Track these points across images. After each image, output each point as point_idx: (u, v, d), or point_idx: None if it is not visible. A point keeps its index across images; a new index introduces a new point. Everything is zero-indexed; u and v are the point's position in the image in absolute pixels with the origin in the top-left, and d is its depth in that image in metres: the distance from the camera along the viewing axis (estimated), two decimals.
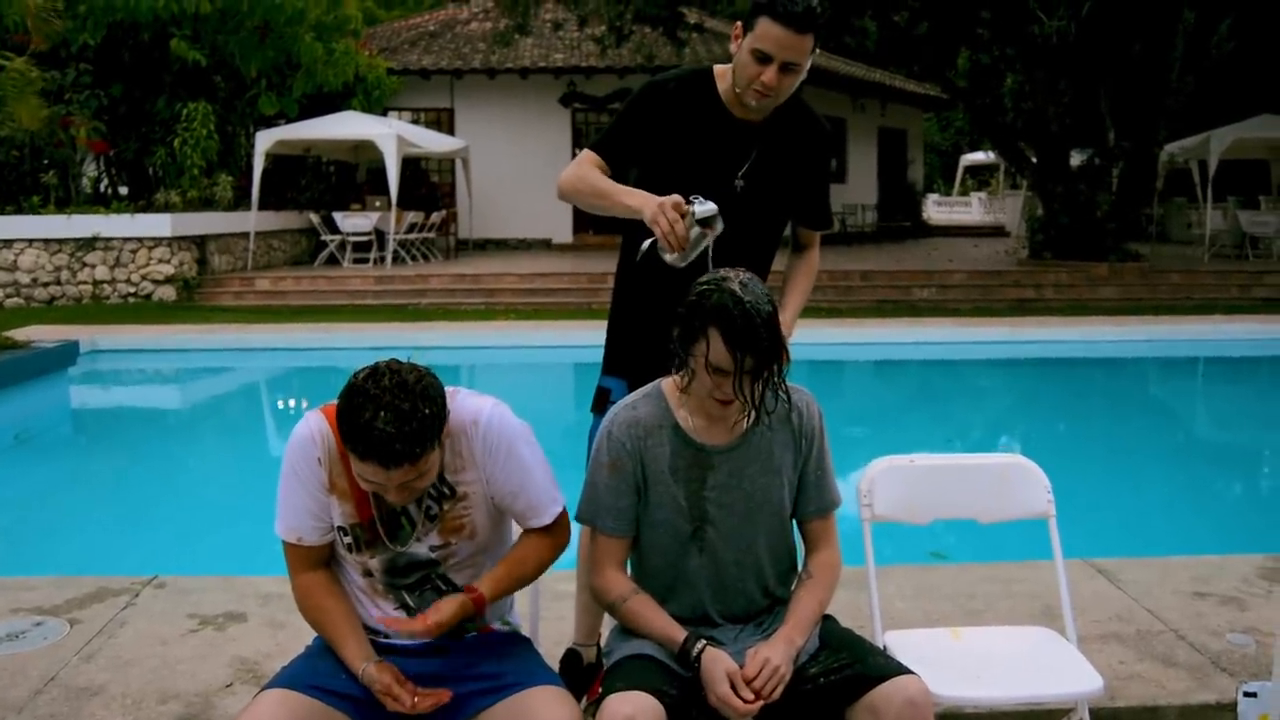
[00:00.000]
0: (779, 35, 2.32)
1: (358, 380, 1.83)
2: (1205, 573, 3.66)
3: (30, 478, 6.87)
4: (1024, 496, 2.54)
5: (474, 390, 2.07)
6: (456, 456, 2.00)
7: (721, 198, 2.40)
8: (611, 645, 2.19)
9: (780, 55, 2.34)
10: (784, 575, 2.26)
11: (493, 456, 2.01)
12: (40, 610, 3.31)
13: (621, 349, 2.68)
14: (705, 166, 2.51)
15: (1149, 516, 5.93)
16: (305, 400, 9.32)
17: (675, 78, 2.58)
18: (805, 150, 2.61)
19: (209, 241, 14.65)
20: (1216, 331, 11.47)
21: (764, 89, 2.38)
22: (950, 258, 17.80)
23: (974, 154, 33.47)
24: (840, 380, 10.56)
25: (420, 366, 1.89)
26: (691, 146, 2.51)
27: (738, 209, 2.46)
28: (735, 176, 2.52)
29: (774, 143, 2.54)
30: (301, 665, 2.04)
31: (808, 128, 2.60)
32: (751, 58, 2.37)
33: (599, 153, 2.51)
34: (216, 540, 5.17)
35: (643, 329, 2.58)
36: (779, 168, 2.56)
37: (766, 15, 2.33)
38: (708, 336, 1.98)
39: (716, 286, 2.00)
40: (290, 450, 2.03)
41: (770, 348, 1.99)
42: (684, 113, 2.51)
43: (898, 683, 1.94)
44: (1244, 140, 16.29)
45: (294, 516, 2.04)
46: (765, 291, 2.03)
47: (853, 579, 2.57)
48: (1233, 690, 2.80)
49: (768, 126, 2.52)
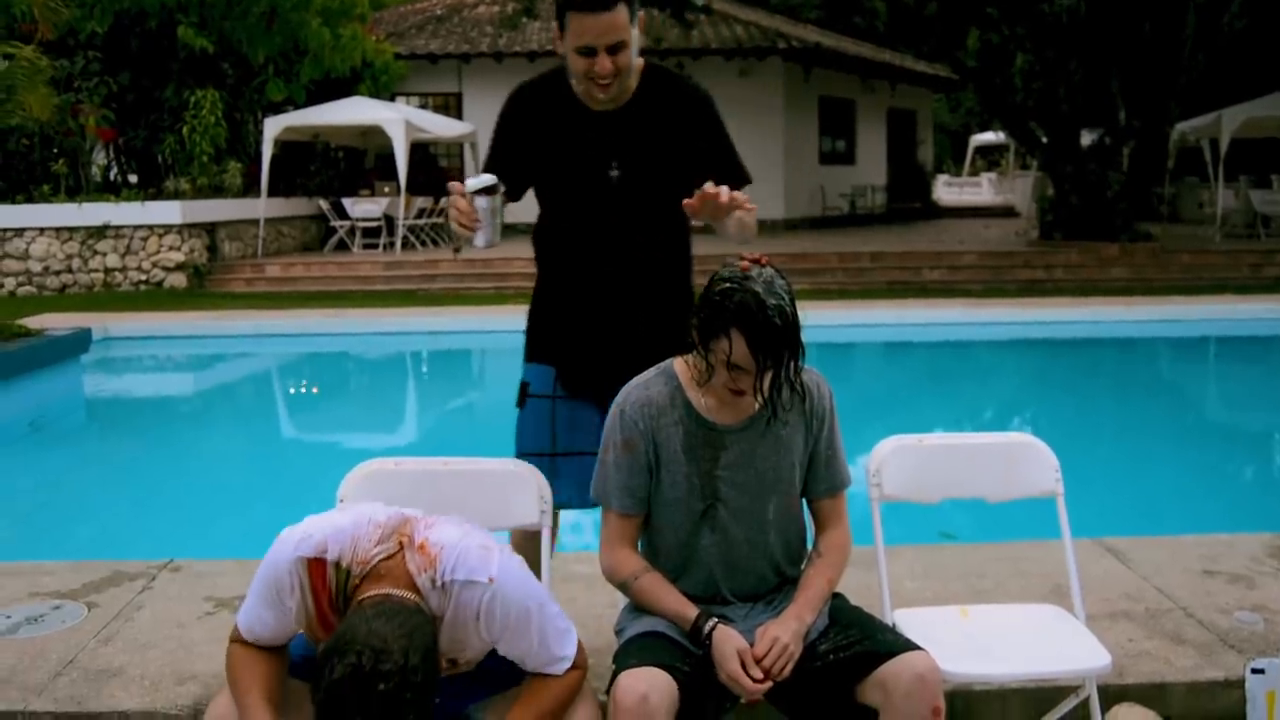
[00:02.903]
0: (591, 24, 2.30)
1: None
2: (1215, 551, 3.66)
3: (45, 464, 6.94)
4: (1032, 475, 2.55)
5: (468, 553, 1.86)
6: (456, 643, 1.89)
7: (599, 191, 2.46)
8: (624, 623, 2.22)
9: (601, 42, 2.32)
10: (794, 554, 2.28)
11: (504, 642, 1.90)
12: (58, 594, 3.35)
13: (541, 337, 2.68)
14: (575, 164, 2.51)
15: (1159, 496, 5.93)
16: (316, 386, 9.37)
17: (531, 83, 2.57)
18: (680, 120, 2.53)
19: (219, 228, 14.69)
20: (1227, 311, 11.42)
21: (601, 78, 2.35)
22: (960, 239, 17.74)
23: (984, 134, 33.31)
24: (850, 361, 10.56)
25: (399, 652, 1.61)
26: (558, 147, 2.51)
27: (619, 198, 2.49)
28: (609, 168, 2.49)
29: (641, 124, 2.50)
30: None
31: (677, 96, 2.54)
32: (578, 55, 2.35)
33: (493, 161, 2.52)
34: (230, 524, 5.22)
35: (561, 317, 2.58)
36: (654, 146, 2.52)
37: (570, 10, 2.31)
38: (729, 336, 1.98)
39: (739, 286, 1.98)
40: (267, 576, 1.87)
41: (791, 350, 2.00)
42: (544, 115, 2.51)
43: (906, 659, 1.96)
44: (1256, 119, 16.16)
45: (259, 626, 1.90)
46: (786, 288, 2.02)
47: (862, 559, 2.59)
48: (1240, 667, 2.81)
49: (631, 110, 2.48)
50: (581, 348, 2.60)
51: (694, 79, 2.62)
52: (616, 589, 2.26)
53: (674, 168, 2.53)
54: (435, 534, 1.88)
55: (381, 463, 2.41)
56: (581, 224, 2.56)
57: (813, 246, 15.78)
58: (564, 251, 2.61)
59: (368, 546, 1.85)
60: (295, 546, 1.85)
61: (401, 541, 1.86)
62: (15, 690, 2.72)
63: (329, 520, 1.89)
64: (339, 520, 1.89)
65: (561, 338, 2.62)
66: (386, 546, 1.85)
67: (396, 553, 1.84)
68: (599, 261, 2.56)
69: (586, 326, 2.58)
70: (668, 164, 2.53)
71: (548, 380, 2.63)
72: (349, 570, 1.83)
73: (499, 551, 1.90)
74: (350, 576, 1.82)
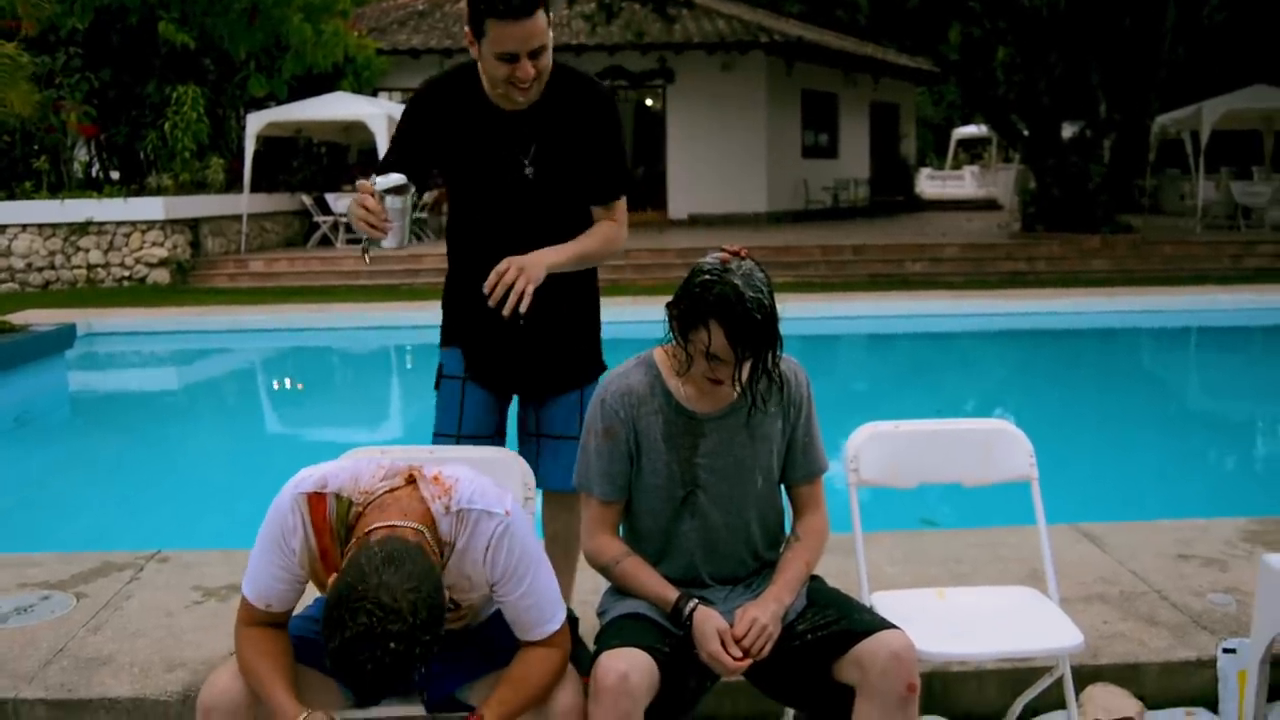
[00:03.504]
0: (511, 31, 2.29)
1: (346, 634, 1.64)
2: (1189, 536, 3.73)
3: (31, 459, 6.94)
4: (1007, 460, 2.60)
5: (486, 489, 1.92)
6: (464, 579, 1.92)
7: (514, 189, 2.48)
8: (605, 605, 2.26)
9: (524, 47, 2.31)
10: (773, 539, 2.32)
11: (503, 583, 1.93)
12: (47, 585, 3.37)
13: (453, 322, 2.71)
14: (489, 163, 2.53)
15: (1138, 483, 6.00)
16: (300, 381, 9.37)
17: (442, 78, 2.56)
18: (586, 119, 2.54)
19: (202, 224, 14.65)
20: (1208, 302, 11.54)
21: (521, 82, 2.36)
22: (943, 231, 17.83)
23: (967, 127, 33.41)
24: (832, 354, 10.62)
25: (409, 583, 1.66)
26: (471, 145, 2.52)
27: (534, 196, 2.53)
28: (523, 166, 2.52)
29: (551, 122, 2.51)
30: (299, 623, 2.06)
31: (584, 96, 2.54)
32: (499, 61, 2.34)
33: (397, 150, 2.50)
34: (216, 517, 5.24)
35: (472, 302, 2.60)
36: (566, 144, 2.54)
37: (490, 17, 2.30)
38: (708, 328, 2.01)
39: (719, 278, 2.01)
40: (270, 522, 1.91)
41: (769, 342, 2.03)
42: (455, 113, 2.50)
43: (882, 637, 2.01)
44: (1236, 111, 16.30)
45: (266, 583, 1.92)
46: (765, 281, 2.05)
47: (841, 545, 2.64)
48: (1213, 647, 2.88)
49: (541, 108, 2.48)
50: (486, 338, 2.63)
51: (595, 78, 2.62)
52: (599, 574, 2.30)
53: (581, 165, 2.57)
54: (449, 469, 1.94)
55: (368, 451, 2.43)
56: (495, 221, 2.59)
57: (795, 239, 15.84)
58: (477, 246, 2.62)
59: (370, 480, 1.88)
60: (296, 485, 1.90)
61: (412, 474, 1.89)
62: (6, 678, 2.75)
63: (331, 463, 1.95)
64: (341, 461, 1.95)
65: (469, 325, 2.66)
66: (392, 481, 1.88)
67: (403, 486, 1.87)
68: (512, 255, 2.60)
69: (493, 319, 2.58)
70: (577, 161, 2.57)
71: (458, 362, 2.68)
72: (350, 500, 1.86)
73: (511, 495, 1.96)
74: (352, 506, 1.85)
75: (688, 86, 20.55)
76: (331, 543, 1.87)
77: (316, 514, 1.86)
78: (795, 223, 20.49)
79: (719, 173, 20.58)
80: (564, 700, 1.96)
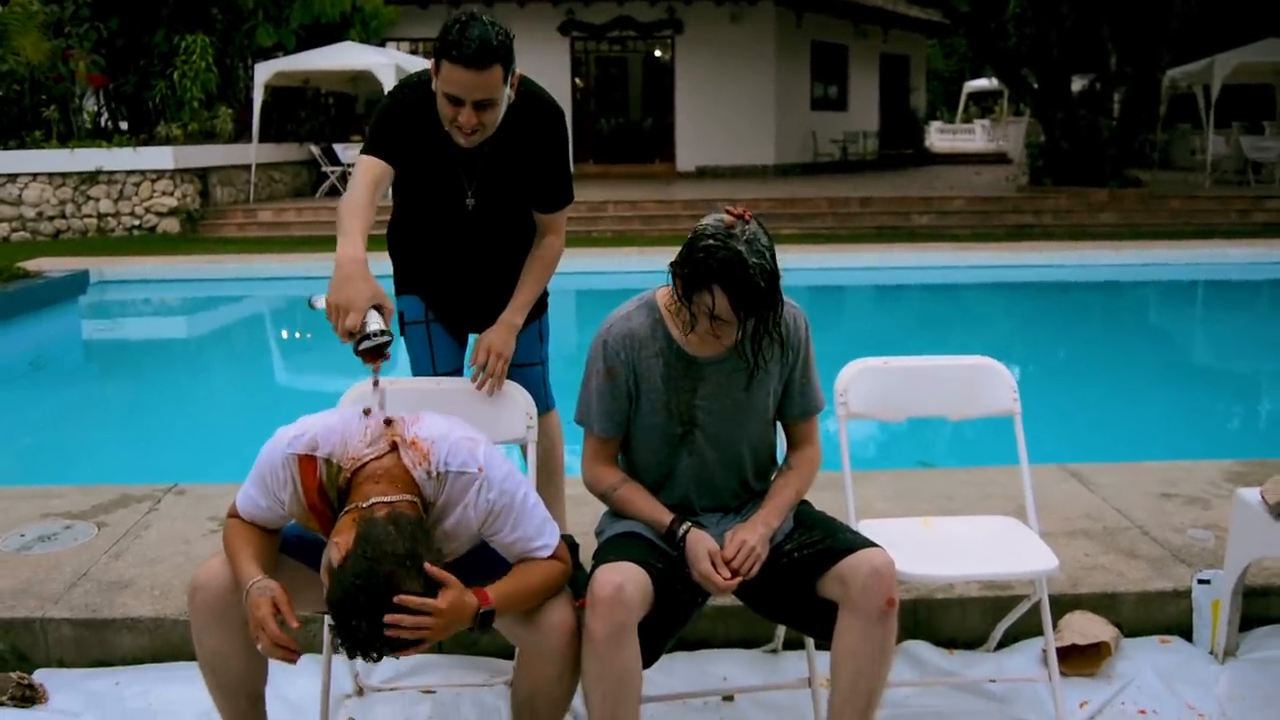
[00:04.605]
0: (461, 77, 2.29)
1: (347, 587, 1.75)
2: (1174, 476, 3.83)
3: (48, 401, 7.08)
4: (991, 395, 2.69)
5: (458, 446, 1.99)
6: (446, 533, 2.02)
7: (455, 219, 2.56)
8: (603, 526, 2.37)
9: (469, 96, 2.32)
10: (764, 470, 2.41)
11: (490, 528, 2.04)
12: (69, 515, 3.50)
13: (406, 272, 2.80)
14: (436, 190, 2.59)
15: (1133, 429, 6.09)
16: (308, 326, 9.48)
17: (410, 89, 2.53)
18: (535, 143, 2.57)
19: (211, 174, 14.69)
20: (1214, 255, 11.55)
21: (463, 129, 2.38)
22: (950, 184, 17.78)
23: (977, 81, 33.11)
24: (838, 304, 10.69)
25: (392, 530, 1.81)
26: (424, 167, 2.57)
27: (474, 225, 2.61)
28: (465, 195, 2.58)
29: (501, 156, 2.54)
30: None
31: (535, 119, 2.55)
32: (445, 100, 2.35)
33: (374, 154, 2.50)
34: (228, 454, 5.37)
35: (421, 252, 2.71)
36: (510, 177, 2.58)
37: (445, 59, 2.30)
38: (712, 292, 2.05)
39: (723, 243, 2.03)
40: (262, 465, 2.01)
41: (772, 304, 2.08)
42: (415, 132, 2.51)
43: (864, 554, 2.11)
44: (1248, 64, 16.14)
45: (254, 510, 2.05)
46: (769, 245, 2.09)
47: (833, 481, 2.73)
48: (1189, 579, 2.99)
49: (494, 141, 2.49)
50: (443, 287, 2.77)
51: (546, 92, 2.61)
52: (598, 500, 2.40)
53: (526, 186, 2.63)
54: (423, 429, 2.03)
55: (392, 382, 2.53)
56: (434, 236, 2.69)
57: (803, 192, 15.82)
58: (417, 241, 2.75)
59: (358, 445, 1.99)
60: (288, 444, 2.00)
61: (394, 441, 2.00)
62: (34, 600, 2.88)
63: (320, 419, 2.04)
64: (329, 419, 2.04)
65: (423, 277, 2.78)
66: (377, 447, 1.99)
67: (388, 452, 1.98)
68: (451, 269, 2.71)
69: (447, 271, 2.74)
70: (521, 190, 2.63)
71: (419, 308, 2.78)
72: (339, 466, 1.97)
73: (483, 443, 2.05)
74: (341, 471, 1.97)
75: (696, 37, 20.40)
76: (322, 501, 1.99)
77: (307, 474, 1.98)
78: (803, 175, 20.43)
79: (727, 125, 20.49)
80: (556, 615, 2.06)
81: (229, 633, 2.03)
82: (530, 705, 2.16)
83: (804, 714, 2.57)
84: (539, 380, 2.81)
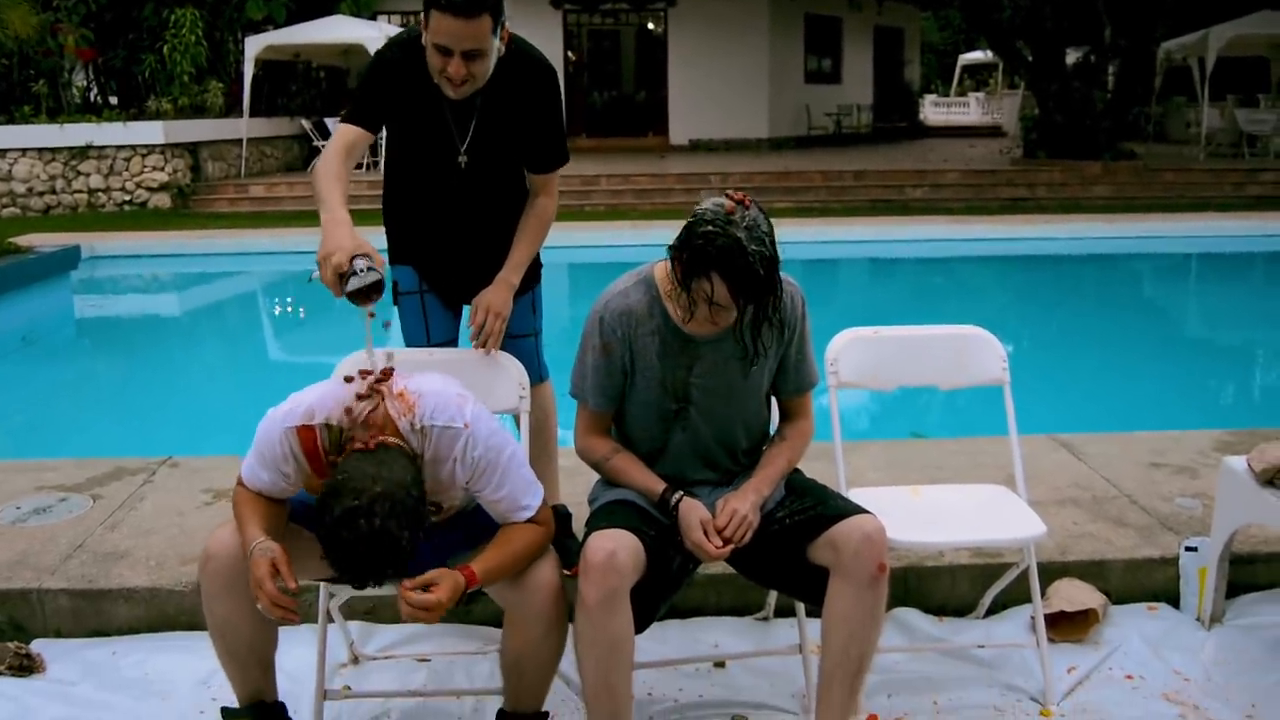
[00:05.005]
0: (450, 26, 2.29)
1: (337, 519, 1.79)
2: (1163, 446, 3.85)
3: (40, 376, 7.09)
4: (981, 364, 2.71)
5: (447, 402, 2.01)
6: (439, 484, 2.04)
7: (448, 177, 2.55)
8: (596, 493, 2.39)
9: (458, 46, 2.31)
10: (756, 442, 2.42)
11: (475, 484, 2.06)
12: (63, 488, 3.51)
13: (400, 243, 2.80)
14: (428, 148, 2.58)
15: (1124, 401, 6.13)
16: (301, 301, 9.48)
17: (399, 47, 2.52)
18: (528, 100, 2.57)
19: (201, 149, 14.62)
20: (1207, 229, 11.56)
21: (452, 80, 2.37)
22: (945, 158, 17.75)
23: (972, 53, 32.96)
24: (832, 278, 10.70)
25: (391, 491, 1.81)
26: (415, 126, 2.56)
27: (467, 182, 2.59)
28: (458, 153, 2.57)
29: (492, 111, 2.54)
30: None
31: (527, 76, 2.56)
32: (435, 50, 2.35)
33: (354, 122, 2.49)
34: (222, 426, 5.40)
35: (414, 216, 2.71)
36: (502, 133, 2.58)
37: (434, 8, 2.30)
38: (711, 279, 2.03)
39: (722, 230, 2.00)
40: (261, 443, 2.02)
41: (771, 290, 2.08)
42: (406, 88, 2.50)
43: (855, 520, 2.13)
44: (1243, 36, 16.11)
45: (260, 483, 2.05)
46: (769, 232, 2.07)
47: (823, 451, 2.74)
48: (1177, 547, 3.02)
49: (484, 96, 2.50)
50: (436, 257, 2.76)
51: (538, 50, 2.62)
52: (591, 469, 2.42)
53: (519, 145, 2.64)
54: (414, 383, 2.05)
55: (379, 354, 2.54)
56: (427, 196, 2.68)
57: (796, 165, 15.79)
58: (410, 206, 2.74)
59: (354, 405, 2.00)
60: (284, 418, 2.01)
61: (380, 390, 2.01)
62: (30, 571, 2.90)
63: (310, 391, 2.05)
64: (319, 389, 2.06)
65: (417, 247, 2.77)
66: (369, 401, 2.01)
67: (379, 404, 2.00)
68: (444, 228, 2.70)
69: (440, 241, 2.74)
70: (513, 147, 2.63)
71: (413, 279, 2.78)
72: (341, 428, 1.99)
73: (472, 401, 2.07)
74: (343, 433, 1.98)
75: (689, 10, 20.26)
76: (326, 465, 2.00)
77: (307, 444, 2.00)
78: (797, 149, 20.37)
79: (720, 98, 20.39)
80: (542, 575, 2.08)
81: (239, 601, 2.05)
82: (518, 667, 2.19)
83: (795, 679, 2.61)
84: (533, 352, 2.82)
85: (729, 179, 14.48)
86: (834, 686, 2.17)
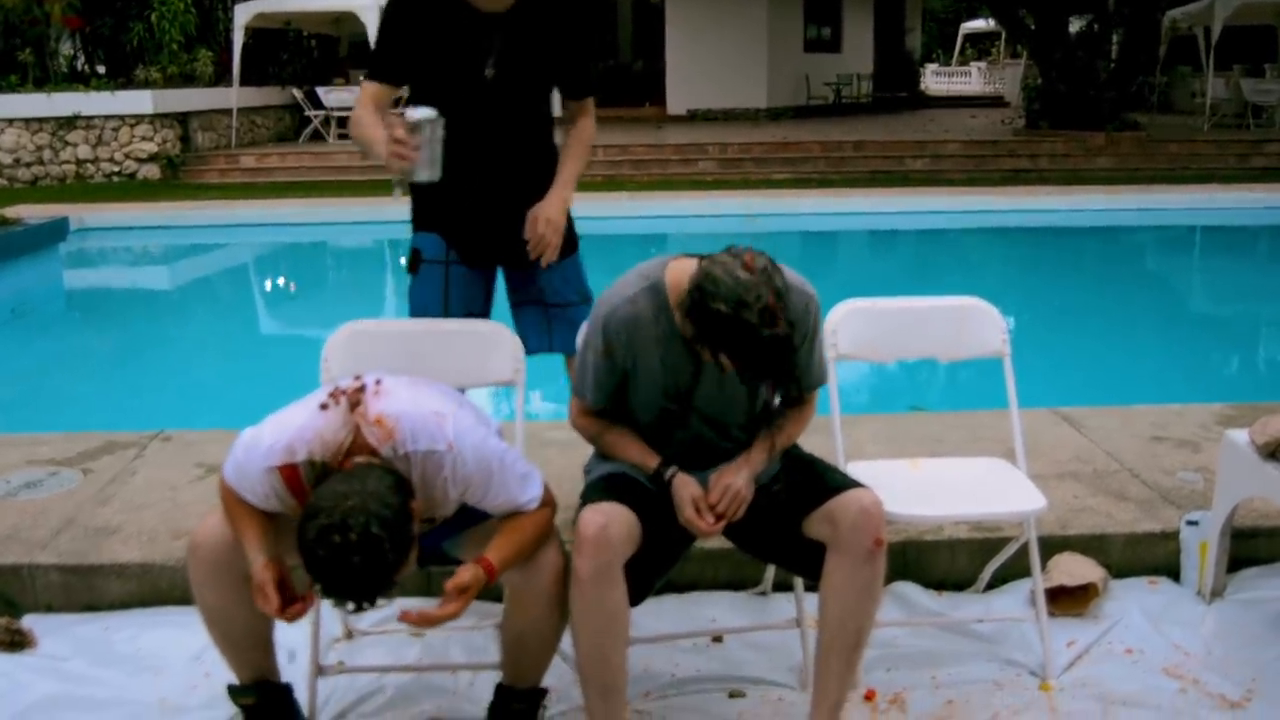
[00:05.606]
0: None
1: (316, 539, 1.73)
2: (1165, 420, 3.82)
3: (29, 349, 7.04)
4: (980, 336, 2.67)
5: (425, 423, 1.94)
6: (431, 501, 2.00)
7: (473, 90, 2.51)
8: (591, 465, 2.35)
9: None
10: (755, 434, 2.35)
11: (470, 495, 2.02)
12: (54, 462, 3.48)
13: (428, 206, 2.74)
14: (452, 62, 2.55)
15: (1126, 374, 6.10)
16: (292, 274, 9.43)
17: None
18: (558, 23, 2.59)
19: (191, 119, 14.47)
20: (1211, 200, 11.47)
21: None
22: (946, 128, 17.63)
23: (974, 22, 32.70)
24: (831, 250, 10.64)
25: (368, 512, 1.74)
26: (439, 46, 2.54)
27: (492, 98, 2.56)
28: (484, 67, 2.55)
29: (522, 25, 2.54)
30: None
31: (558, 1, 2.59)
32: None
33: (375, 79, 2.53)
34: (213, 400, 5.37)
35: (445, 196, 2.63)
36: (530, 48, 2.58)
37: None
38: (722, 356, 1.95)
39: (734, 314, 1.87)
40: (241, 476, 1.98)
41: (787, 370, 2.00)
42: (430, 14, 2.52)
43: (853, 494, 2.09)
44: (1250, 5, 15.93)
45: (248, 489, 1.99)
46: (783, 303, 1.91)
47: (822, 424, 2.70)
48: (1178, 521, 2.99)
49: (516, 11, 2.52)
50: (468, 218, 2.71)
51: None
52: (588, 443, 2.37)
53: (544, 69, 2.64)
54: (387, 404, 1.95)
55: (364, 324, 2.51)
56: (453, 118, 2.57)
57: (795, 135, 15.67)
58: None
59: (334, 437, 1.92)
60: (264, 457, 1.92)
61: (357, 422, 1.93)
62: (20, 546, 2.87)
63: (288, 424, 1.95)
64: (295, 418, 1.95)
65: (447, 209, 2.71)
66: (349, 431, 1.92)
67: (356, 435, 1.92)
68: (472, 154, 2.63)
69: (469, 208, 2.69)
70: (540, 65, 2.62)
71: (439, 247, 2.72)
72: (323, 462, 1.91)
73: (450, 417, 1.97)
74: (326, 467, 1.91)
75: None
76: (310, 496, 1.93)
77: (291, 482, 1.92)
78: (796, 118, 20.22)
79: (718, 67, 20.22)
80: (546, 555, 2.06)
81: (229, 588, 2.04)
82: (519, 644, 2.17)
83: (792, 654, 2.59)
84: (578, 324, 2.64)
85: (727, 149, 14.37)
86: (831, 661, 2.15)
